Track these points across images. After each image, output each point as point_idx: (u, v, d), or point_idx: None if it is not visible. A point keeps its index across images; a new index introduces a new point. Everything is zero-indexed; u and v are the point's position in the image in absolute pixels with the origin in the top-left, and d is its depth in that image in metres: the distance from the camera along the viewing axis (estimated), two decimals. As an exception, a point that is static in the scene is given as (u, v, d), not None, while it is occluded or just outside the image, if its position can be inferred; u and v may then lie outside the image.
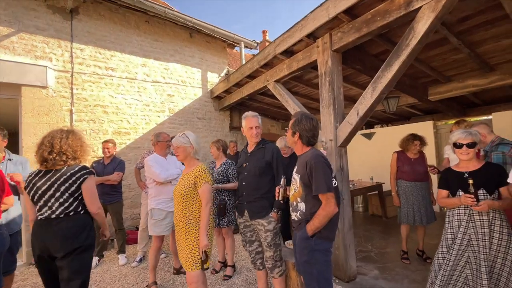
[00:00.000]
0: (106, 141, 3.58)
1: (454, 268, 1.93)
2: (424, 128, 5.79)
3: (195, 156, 2.17)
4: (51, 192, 1.71)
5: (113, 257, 3.69)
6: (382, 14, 2.24)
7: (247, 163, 2.18)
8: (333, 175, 1.55)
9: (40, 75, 3.75)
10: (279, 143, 3.43)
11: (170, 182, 2.83)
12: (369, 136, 6.81)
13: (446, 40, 2.92)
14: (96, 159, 3.90)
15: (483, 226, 1.84)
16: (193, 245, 1.99)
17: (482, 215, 1.86)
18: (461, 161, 2.01)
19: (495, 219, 1.85)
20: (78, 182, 1.78)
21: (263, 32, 10.27)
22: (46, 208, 1.72)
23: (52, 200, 1.71)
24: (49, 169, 1.77)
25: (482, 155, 2.58)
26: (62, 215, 1.72)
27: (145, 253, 3.66)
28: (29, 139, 3.69)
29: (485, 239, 1.82)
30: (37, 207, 1.76)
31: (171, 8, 4.80)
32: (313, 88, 4.53)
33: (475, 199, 1.77)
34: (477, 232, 1.86)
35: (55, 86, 3.94)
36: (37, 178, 1.76)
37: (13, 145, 5.11)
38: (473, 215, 1.89)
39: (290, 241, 2.87)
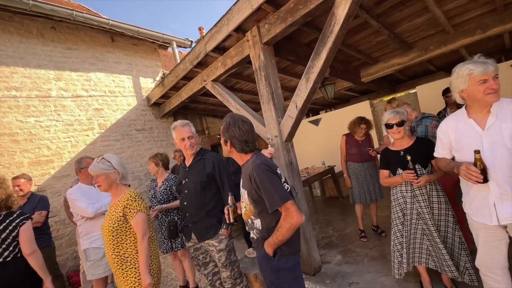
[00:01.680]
0: (15, 178, 2.92)
1: (414, 241, 2.01)
2: (362, 108, 6.20)
3: (123, 182, 1.84)
4: None
5: (52, 310, 3.11)
6: (303, 2, 2.17)
7: (186, 179, 1.94)
8: (283, 179, 1.40)
9: None
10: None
11: (104, 214, 2.43)
12: (316, 123, 7.06)
13: (368, 24, 3.04)
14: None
15: (424, 199, 1.94)
16: (135, 287, 1.70)
17: (421, 189, 1.95)
18: (395, 140, 2.09)
19: (432, 191, 1.96)
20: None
21: (199, 29, 9.80)
22: None
23: None
24: None
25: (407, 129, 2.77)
26: (6, 260, 1.81)
27: (93, 295, 3.16)
28: None
29: (428, 211, 1.92)
30: None
31: (80, 10, 4.14)
32: (255, 83, 4.41)
33: (415, 174, 1.84)
34: (421, 206, 1.95)
35: None
36: None
37: None
38: (414, 190, 1.98)
39: (250, 249, 2.73)
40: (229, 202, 1.50)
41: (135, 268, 1.72)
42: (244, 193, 1.42)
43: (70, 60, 4.31)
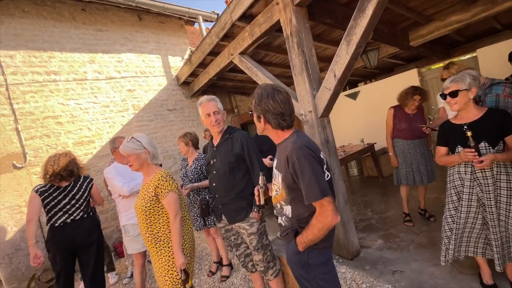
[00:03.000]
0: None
1: (470, 230, 1.72)
2: (409, 78, 5.48)
3: (154, 161, 1.81)
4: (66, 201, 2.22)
5: (103, 277, 3.42)
6: None
7: (214, 160, 1.82)
8: (325, 165, 1.21)
9: (-35, 95, 3.17)
10: None
11: (138, 192, 2.47)
12: (354, 96, 6.49)
13: (424, -29, 2.49)
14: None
15: (487, 184, 1.60)
16: (169, 265, 1.71)
17: (485, 171, 1.61)
18: (459, 112, 1.72)
19: (500, 174, 1.60)
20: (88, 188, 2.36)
21: (226, 1, 9.37)
22: (65, 214, 2.22)
23: (68, 207, 2.22)
24: (60, 185, 2.24)
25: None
26: (80, 217, 2.26)
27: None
28: (-26, 171, 3.21)
29: (492, 198, 1.59)
30: (55, 216, 2.21)
31: (106, -12, 4.10)
32: (286, 54, 4.07)
33: (476, 154, 1.51)
34: (483, 191, 1.62)
35: (-11, 104, 3.37)
36: (52, 191, 2.21)
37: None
38: (476, 172, 1.64)
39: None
40: (259, 182, 1.35)
41: (169, 247, 1.72)
42: (277, 175, 1.25)
43: (101, 42, 4.37)
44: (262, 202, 1.34)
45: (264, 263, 1.80)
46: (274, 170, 1.29)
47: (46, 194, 2.19)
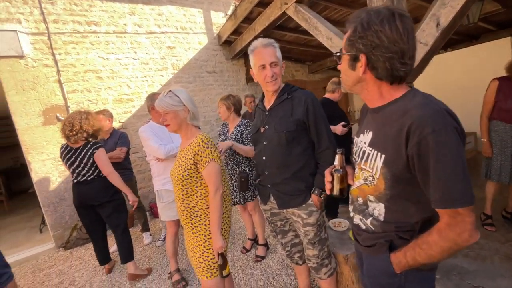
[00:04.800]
0: (96, 113, 3.00)
1: None
2: (500, 48, 4.33)
3: (193, 122, 1.48)
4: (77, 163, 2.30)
5: (137, 235, 3.46)
6: None
7: (266, 127, 1.42)
8: None
9: (11, 42, 3.12)
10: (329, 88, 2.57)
11: (175, 156, 2.23)
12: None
13: None
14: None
15: None
16: (204, 246, 1.44)
17: None
18: None
19: None
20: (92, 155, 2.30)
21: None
22: (78, 174, 2.32)
23: (79, 169, 2.30)
24: (73, 146, 2.30)
25: None
26: (91, 178, 2.32)
27: (169, 229, 3.36)
28: (22, 120, 3.27)
29: None
30: (71, 174, 2.36)
31: None
32: (351, 8, 3.35)
33: None
34: None
35: (33, 53, 3.31)
36: (66, 152, 2.31)
37: (9, 129, 4.85)
38: None
39: (336, 220, 2.22)
40: (335, 163, 0.93)
41: (205, 225, 1.44)
42: (373, 157, 0.81)
43: (142, -9, 4.02)
44: (336, 192, 0.93)
45: (318, 260, 1.46)
46: (367, 149, 0.85)
47: (63, 154, 2.33)
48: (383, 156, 0.77)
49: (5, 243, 3.74)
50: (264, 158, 1.43)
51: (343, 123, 2.49)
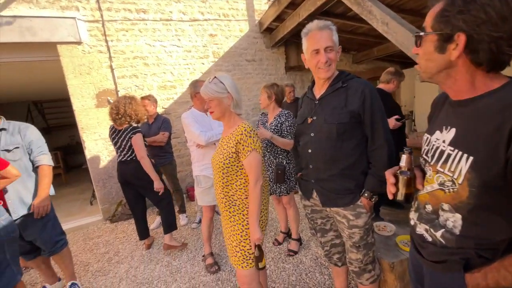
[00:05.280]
0: (143, 98, 3.16)
1: None
2: None
3: (236, 110, 1.45)
4: (119, 144, 2.54)
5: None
6: None
7: (314, 117, 1.32)
8: None
9: (71, 29, 3.38)
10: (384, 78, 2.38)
11: (214, 144, 2.25)
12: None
13: None
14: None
15: None
16: (241, 236, 1.43)
17: None
18: None
19: None
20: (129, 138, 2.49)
21: None
22: (120, 154, 2.58)
23: (121, 149, 2.55)
24: (118, 128, 2.54)
25: None
26: (129, 159, 2.53)
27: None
28: (78, 102, 3.57)
29: None
30: (116, 152, 2.62)
31: None
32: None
33: None
34: None
35: (89, 40, 3.57)
36: (112, 133, 2.60)
37: (67, 110, 5.38)
38: None
39: (382, 223, 2.06)
40: (402, 164, 0.81)
41: (243, 215, 1.42)
42: (458, 158, 0.68)
43: (188, -22, 4.05)
44: (400, 197, 0.81)
45: (361, 264, 1.35)
46: (446, 148, 0.72)
47: (110, 134, 2.62)
48: (471, 158, 0.64)
49: (62, 211, 4.21)
50: (309, 151, 1.33)
51: (396, 116, 2.27)
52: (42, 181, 2.01)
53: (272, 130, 2.20)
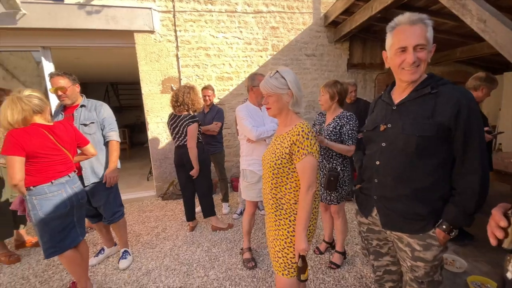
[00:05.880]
0: (205, 88, 3.28)
1: None
2: None
3: (295, 108, 1.35)
4: (177, 129, 2.71)
5: (217, 203, 3.74)
6: None
7: (389, 125, 1.14)
8: None
9: (146, 18, 3.68)
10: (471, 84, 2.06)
11: (265, 140, 2.19)
12: None
13: None
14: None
15: None
16: (286, 242, 1.35)
17: None
18: None
19: None
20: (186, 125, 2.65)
21: None
22: (177, 139, 2.74)
23: (178, 134, 2.71)
24: (177, 114, 2.72)
25: None
26: (185, 143, 2.68)
27: (245, 206, 3.48)
28: (146, 87, 3.90)
29: None
30: (173, 137, 2.81)
31: None
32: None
33: None
34: None
35: (161, 29, 3.83)
36: (171, 118, 2.77)
37: (136, 93, 5.97)
38: None
39: (449, 257, 1.75)
40: None
41: (290, 221, 1.34)
42: None
43: (256, -31, 4.02)
44: (509, 245, 0.62)
45: (422, 304, 1.14)
46: None
47: (169, 120, 2.78)
48: None
49: (123, 183, 4.72)
50: (377, 163, 1.16)
51: (486, 128, 1.89)
52: (112, 154, 2.26)
53: (329, 132, 2.03)
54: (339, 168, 2.06)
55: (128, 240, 2.58)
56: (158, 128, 4.02)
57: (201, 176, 2.79)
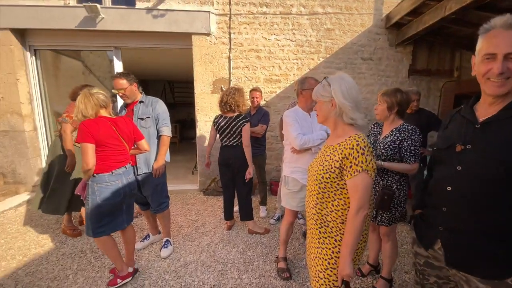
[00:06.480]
0: (254, 89, 3.29)
1: None
2: None
3: (344, 119, 1.22)
4: (227, 130, 2.72)
5: (255, 205, 3.73)
6: None
7: (469, 146, 0.95)
8: None
9: (204, 21, 3.86)
10: None
11: (310, 149, 2.09)
12: None
13: None
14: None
15: None
16: (329, 263, 1.24)
17: None
18: None
19: None
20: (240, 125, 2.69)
21: None
22: (226, 139, 2.77)
23: (228, 135, 2.73)
24: (226, 115, 2.74)
25: None
26: (235, 144, 2.74)
27: (283, 212, 3.40)
28: (199, 86, 4.10)
29: None
30: (221, 137, 2.81)
31: None
32: None
33: None
34: None
35: (216, 32, 3.98)
36: (220, 119, 2.78)
37: (189, 91, 6.32)
38: None
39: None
40: None
41: (336, 241, 1.23)
42: None
43: (315, -30, 3.90)
44: None
45: None
46: None
47: (217, 121, 2.79)
48: None
49: (170, 174, 5.01)
50: (449, 188, 0.98)
51: None
52: (162, 148, 2.41)
53: (385, 146, 1.83)
54: (395, 187, 1.84)
55: (170, 231, 2.72)
56: (206, 126, 4.19)
57: (243, 178, 2.81)
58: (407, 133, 1.77)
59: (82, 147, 1.77)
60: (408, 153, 1.74)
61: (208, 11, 3.83)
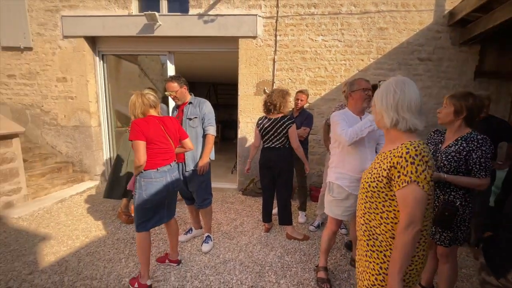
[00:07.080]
0: (300, 91, 3.23)
1: None
2: None
3: (401, 126, 1.09)
4: (272, 132, 2.70)
5: (293, 209, 3.65)
6: None
7: None
8: None
9: (251, 25, 3.92)
10: None
11: (365, 146, 1.96)
12: None
13: None
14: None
15: None
16: (376, 279, 1.15)
17: None
18: None
19: None
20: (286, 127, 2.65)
21: None
22: (269, 141, 2.74)
23: (272, 137, 2.71)
24: (271, 117, 2.71)
25: None
26: (278, 146, 2.72)
27: (323, 220, 3.27)
28: (243, 88, 4.18)
29: None
30: (263, 139, 2.79)
31: None
32: None
33: None
34: None
35: (262, 35, 4.02)
36: (264, 121, 2.75)
37: (233, 93, 6.48)
38: None
39: None
40: None
41: (385, 256, 1.12)
42: None
43: (369, -34, 3.69)
44: None
45: None
46: None
47: (261, 122, 2.76)
48: None
49: (212, 172, 5.25)
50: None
51: None
52: (207, 147, 2.52)
53: (449, 157, 1.63)
54: (458, 203, 1.63)
55: (211, 227, 2.82)
56: (247, 128, 4.26)
57: (284, 181, 2.77)
58: (476, 143, 1.55)
59: (134, 144, 1.90)
60: (477, 166, 1.53)
61: (256, 15, 3.89)
